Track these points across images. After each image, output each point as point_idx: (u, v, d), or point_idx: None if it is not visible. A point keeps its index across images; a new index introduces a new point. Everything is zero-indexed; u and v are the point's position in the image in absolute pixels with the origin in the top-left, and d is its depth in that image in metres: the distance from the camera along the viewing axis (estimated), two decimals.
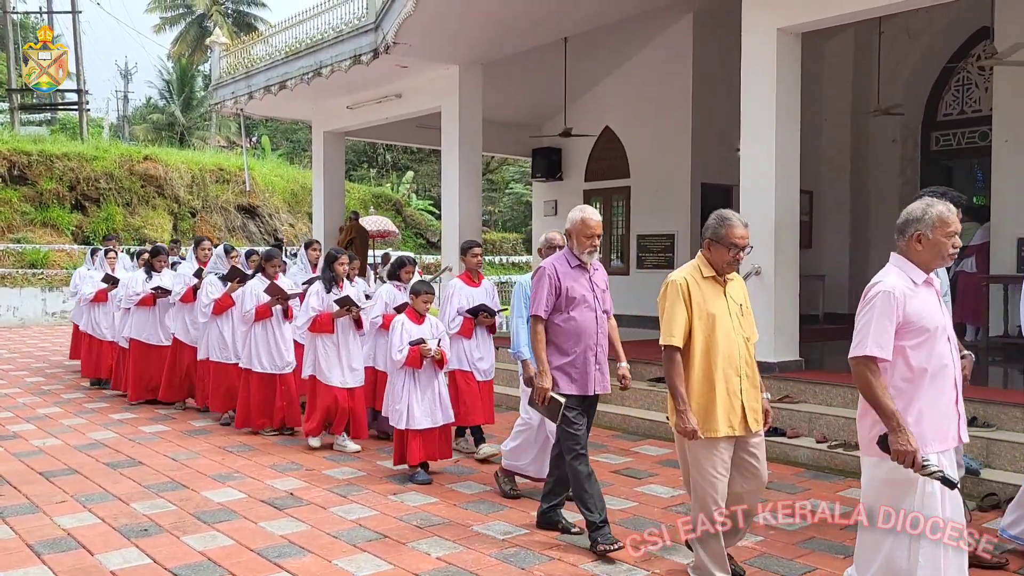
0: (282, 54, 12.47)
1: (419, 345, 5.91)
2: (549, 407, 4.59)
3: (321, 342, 6.92)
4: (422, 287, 6.19)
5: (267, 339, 7.48)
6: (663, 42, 12.73)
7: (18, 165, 20.88)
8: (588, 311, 4.65)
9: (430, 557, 4.50)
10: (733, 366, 3.93)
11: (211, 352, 8.07)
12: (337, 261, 7.00)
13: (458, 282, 6.89)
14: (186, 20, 42.62)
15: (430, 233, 28.44)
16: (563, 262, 4.69)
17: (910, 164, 13.60)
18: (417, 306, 6.13)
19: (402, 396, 5.97)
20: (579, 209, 4.68)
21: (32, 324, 18.26)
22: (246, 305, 7.41)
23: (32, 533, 4.85)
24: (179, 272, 8.86)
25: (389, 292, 7.31)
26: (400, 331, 5.98)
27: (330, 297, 6.90)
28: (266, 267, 7.56)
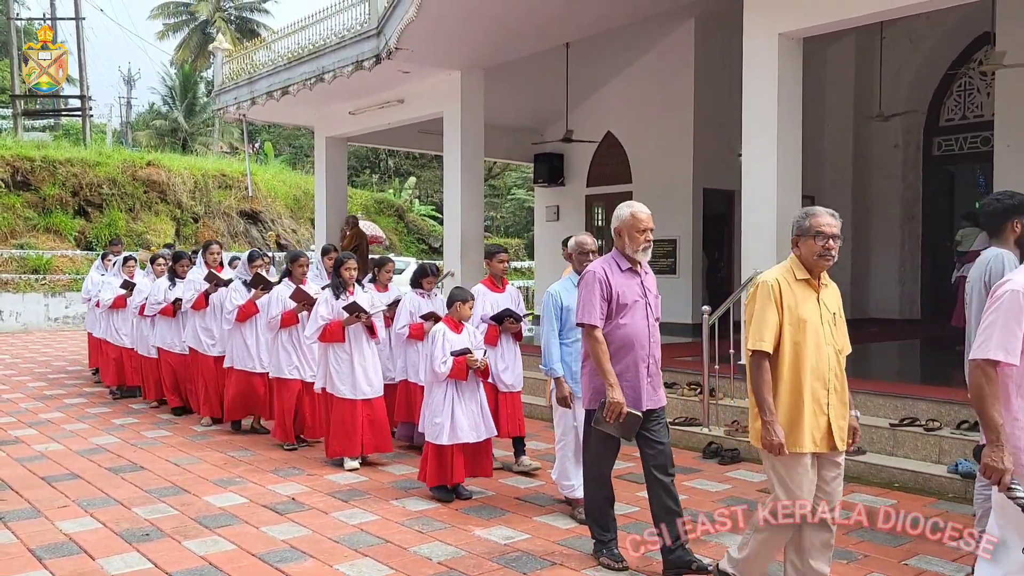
0: (285, 60, 12.50)
1: (465, 356, 5.59)
2: (625, 424, 4.14)
3: (333, 353, 6.56)
4: (463, 294, 5.86)
5: (294, 347, 7.25)
6: (665, 47, 12.75)
7: (21, 171, 20.92)
8: (640, 318, 4.26)
9: (431, 562, 4.50)
10: (822, 378, 3.60)
11: (235, 360, 7.76)
12: (344, 266, 6.67)
13: (481, 288, 6.58)
14: (189, 26, 42.76)
15: (432, 239, 28.45)
16: (612, 264, 4.31)
17: (912, 169, 13.61)
18: (462, 314, 5.78)
19: (444, 409, 5.59)
20: (626, 205, 4.36)
21: (35, 329, 18.29)
22: (272, 311, 7.16)
23: (34, 538, 4.85)
24: (189, 278, 8.62)
25: (413, 301, 6.99)
26: (442, 341, 5.61)
27: (339, 304, 6.56)
28: (293, 271, 7.29)
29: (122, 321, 9.95)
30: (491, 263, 6.68)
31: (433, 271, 7.19)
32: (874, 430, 6.49)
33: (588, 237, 5.24)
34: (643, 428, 4.22)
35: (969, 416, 6.24)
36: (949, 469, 5.86)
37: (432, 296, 7.07)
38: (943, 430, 6.23)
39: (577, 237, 5.28)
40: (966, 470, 5.70)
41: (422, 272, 7.10)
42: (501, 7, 9.63)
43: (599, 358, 4.17)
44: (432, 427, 5.64)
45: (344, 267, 6.65)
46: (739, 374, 7.64)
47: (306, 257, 7.40)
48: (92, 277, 11.06)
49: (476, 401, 5.73)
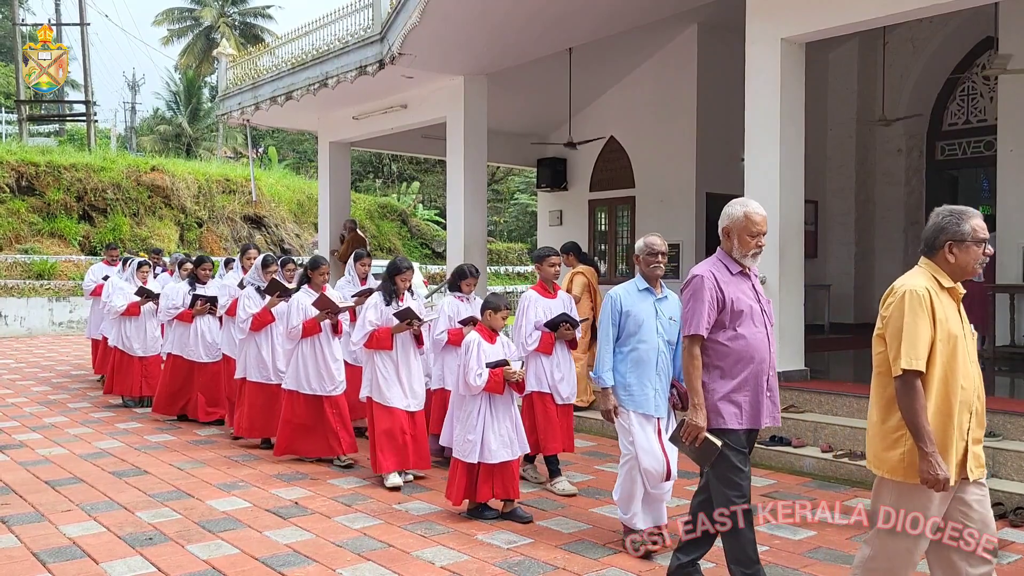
0: (288, 65, 12.53)
1: (502, 368, 5.24)
2: (701, 450, 3.80)
3: (380, 360, 6.17)
4: (497, 301, 5.47)
5: (315, 357, 6.78)
6: (668, 52, 12.76)
7: (26, 175, 20.99)
8: (758, 326, 3.88)
9: (434, 566, 4.50)
10: (968, 401, 3.12)
11: (248, 371, 7.40)
12: (400, 274, 6.29)
13: (533, 293, 6.23)
14: (193, 32, 42.93)
15: (435, 243, 28.48)
16: (721, 268, 3.91)
17: (915, 174, 13.59)
18: (495, 323, 5.42)
19: (476, 425, 5.26)
20: (740, 203, 3.95)
21: (39, 334, 18.32)
22: (292, 320, 6.71)
23: (37, 541, 4.86)
24: (223, 283, 8.28)
25: (452, 305, 6.60)
26: (476, 352, 5.27)
27: (389, 310, 6.19)
28: (313, 277, 6.89)
29: (135, 329, 9.65)
30: (541, 267, 6.30)
31: (473, 272, 6.73)
32: None
33: (658, 237, 4.83)
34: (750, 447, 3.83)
35: None
36: None
37: (471, 300, 6.69)
38: None
39: (646, 238, 4.83)
40: None
41: (461, 274, 6.69)
42: (504, 13, 9.65)
43: (691, 374, 3.82)
44: (463, 444, 5.32)
45: (400, 276, 6.29)
46: None
47: (327, 264, 7.06)
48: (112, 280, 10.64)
49: (510, 418, 5.37)
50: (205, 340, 8.53)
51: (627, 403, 4.69)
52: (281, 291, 7.25)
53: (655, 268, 4.75)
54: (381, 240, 26.88)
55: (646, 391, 4.67)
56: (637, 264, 4.81)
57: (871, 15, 7.17)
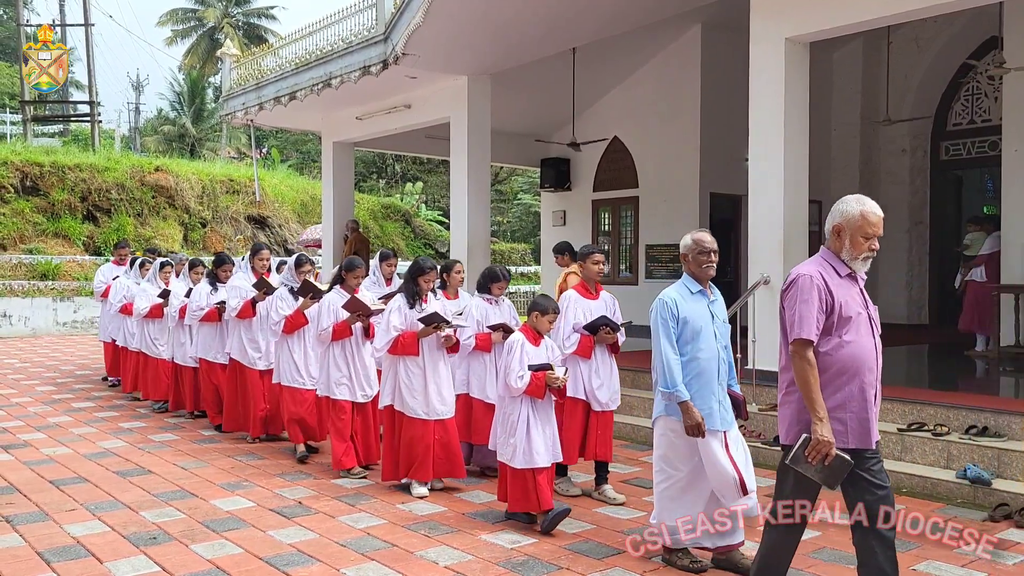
0: (292, 65, 12.54)
1: (545, 372, 5.07)
2: (831, 468, 3.40)
3: (404, 366, 5.87)
4: (546, 304, 5.26)
5: (346, 362, 6.47)
6: (672, 52, 12.76)
7: (30, 176, 21.03)
8: (865, 334, 3.53)
9: (438, 566, 4.50)
10: None
11: (283, 376, 7.09)
12: (424, 275, 5.97)
13: (573, 294, 5.92)
14: (197, 32, 43.00)
15: (439, 244, 28.49)
16: (828, 269, 3.56)
17: (920, 174, 13.57)
18: (540, 326, 5.23)
19: (518, 428, 5.08)
20: (856, 200, 3.58)
21: (43, 334, 18.35)
22: (323, 323, 6.38)
23: (42, 541, 4.87)
24: (234, 284, 7.92)
25: (480, 308, 6.34)
26: (520, 354, 5.09)
27: (414, 314, 5.89)
28: (346, 278, 6.54)
29: (159, 331, 9.43)
30: (584, 265, 5.96)
31: (505, 275, 6.44)
32: (882, 435, 6.46)
33: (707, 233, 4.49)
34: (860, 468, 3.47)
35: (978, 421, 6.23)
36: (958, 474, 5.84)
37: (500, 303, 6.43)
38: (951, 435, 6.21)
39: (695, 234, 4.49)
40: (974, 475, 5.69)
41: (492, 276, 6.40)
42: (508, 13, 9.65)
43: (809, 383, 3.43)
44: (506, 448, 5.16)
45: (423, 277, 5.97)
46: (746, 378, 7.63)
47: (362, 268, 6.64)
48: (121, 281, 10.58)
49: (551, 423, 5.20)
50: None
51: None
52: (314, 292, 6.91)
53: (708, 268, 4.43)
54: (384, 240, 26.87)
55: (710, 404, 4.36)
56: (685, 264, 4.48)
57: (875, 15, 7.16)
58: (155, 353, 9.40)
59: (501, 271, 6.45)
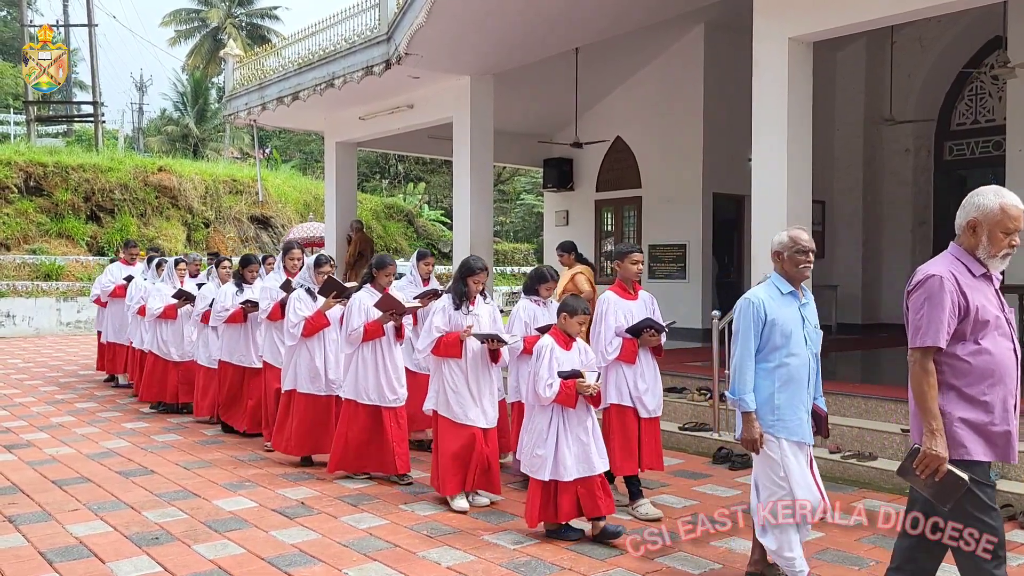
0: (295, 65, 12.55)
1: (575, 379, 4.79)
2: (942, 485, 3.15)
3: (448, 369, 5.58)
4: (578, 304, 4.96)
5: (376, 364, 6.13)
6: (675, 52, 12.74)
7: (34, 176, 21.07)
8: (1003, 339, 3.26)
9: (440, 566, 4.49)
10: None
11: (298, 382, 6.72)
12: (473, 276, 5.66)
13: (611, 295, 5.62)
14: (200, 33, 43.09)
15: (442, 244, 28.50)
16: (961, 269, 3.27)
17: (923, 174, 13.55)
18: (569, 328, 4.95)
19: (547, 439, 4.84)
20: (993, 192, 3.24)
21: (47, 334, 18.39)
22: (353, 323, 6.07)
23: (44, 541, 4.87)
24: (265, 285, 7.55)
25: (527, 309, 6.06)
26: (548, 359, 4.82)
27: (458, 316, 5.61)
28: (377, 276, 6.25)
29: (171, 332, 9.17)
30: (622, 265, 5.66)
31: (553, 275, 6.15)
32: (886, 435, 6.45)
33: (804, 231, 4.16)
34: None
35: None
36: None
37: (548, 304, 6.10)
38: None
39: (791, 232, 4.15)
40: None
41: (540, 277, 6.10)
42: (511, 13, 9.64)
43: (924, 393, 3.21)
44: (532, 459, 4.90)
45: (473, 278, 5.66)
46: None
47: (394, 265, 6.35)
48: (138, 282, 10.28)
49: (586, 431, 4.88)
50: (259, 346, 7.79)
51: (777, 429, 4.01)
52: (338, 291, 6.55)
53: (805, 268, 4.09)
54: (387, 240, 26.90)
55: (799, 414, 4.02)
56: (778, 263, 4.13)
57: (879, 14, 7.15)
58: (166, 355, 9.19)
59: (549, 271, 6.15)
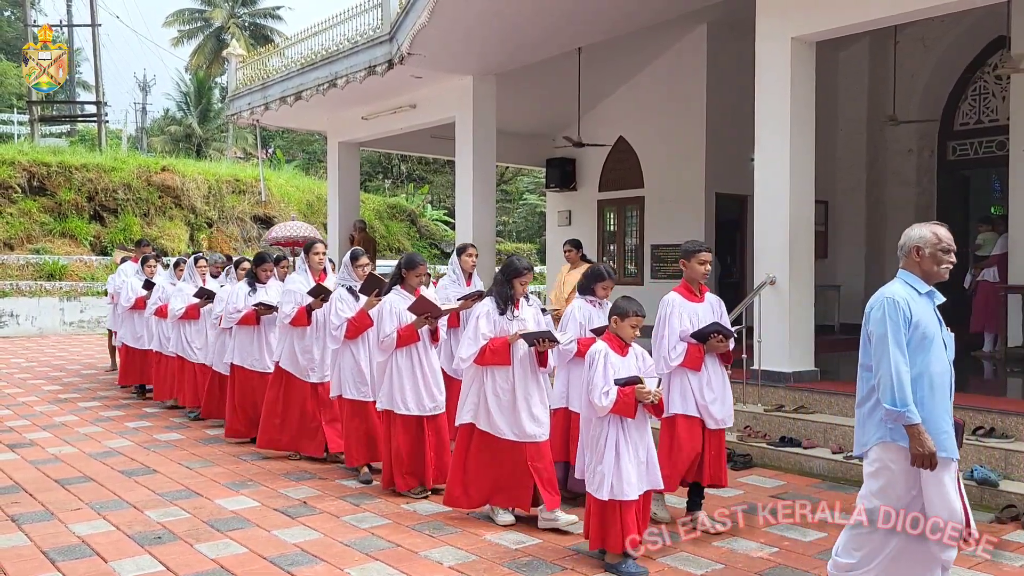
0: (297, 65, 12.57)
1: (635, 386, 4.37)
2: None
3: (491, 379, 5.13)
4: (630, 306, 4.57)
5: (413, 371, 5.74)
6: (677, 52, 12.74)
7: (37, 176, 21.10)
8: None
9: (442, 566, 4.49)
10: None
11: (344, 387, 6.29)
12: (520, 277, 5.20)
13: (676, 297, 5.24)
14: (204, 33, 43.10)
15: (444, 244, 28.50)
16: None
17: (926, 174, 13.51)
18: (622, 332, 4.57)
19: (606, 454, 4.41)
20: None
21: (50, 333, 18.41)
22: (385, 328, 5.67)
23: (47, 540, 4.88)
24: (289, 288, 6.85)
25: (583, 310, 5.67)
26: (603, 366, 4.43)
27: (503, 321, 5.18)
28: (407, 277, 5.87)
29: (195, 333, 8.81)
30: (688, 264, 5.25)
31: (611, 274, 5.75)
32: None
33: (944, 229, 3.79)
34: None
35: (985, 422, 6.20)
36: (965, 475, 5.81)
37: (603, 305, 5.69)
38: None
39: (934, 228, 3.75)
40: (982, 476, 5.66)
41: (597, 275, 5.72)
42: (513, 13, 9.64)
43: None
44: (593, 476, 4.46)
45: (520, 279, 5.20)
46: (752, 379, 7.62)
47: (424, 265, 5.98)
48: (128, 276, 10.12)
49: (646, 443, 4.51)
50: (273, 349, 7.32)
51: None
52: (381, 289, 6.10)
53: (946, 269, 3.74)
54: (390, 240, 26.90)
55: (945, 426, 3.60)
56: (914, 259, 3.76)
57: (881, 14, 7.14)
58: (192, 357, 8.81)
59: (606, 269, 5.74)
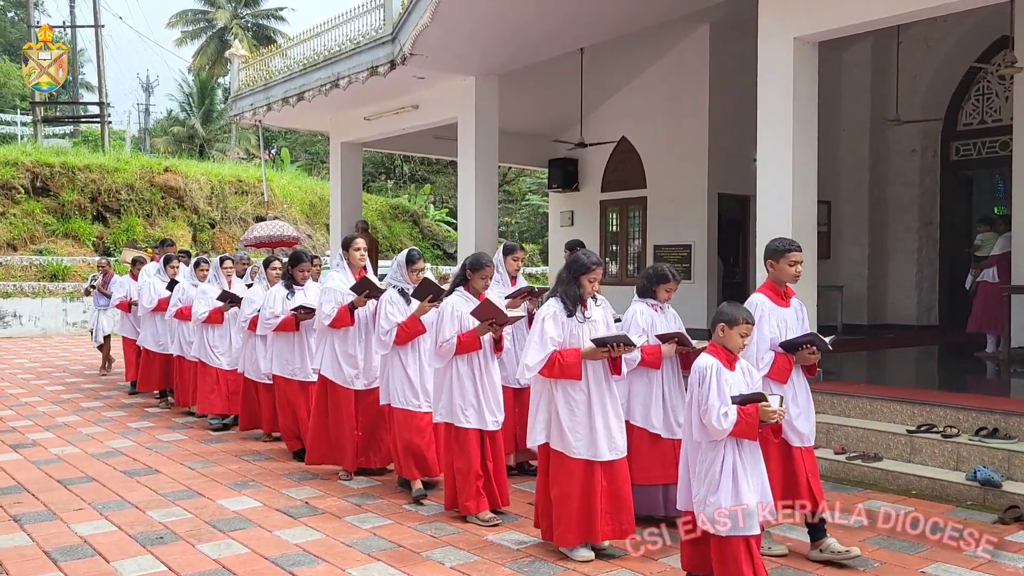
0: (300, 66, 12.57)
1: (756, 405, 3.81)
2: None
3: (563, 392, 4.59)
4: (739, 312, 3.97)
5: (474, 382, 5.24)
6: (680, 52, 12.73)
7: (41, 177, 21.14)
8: None
9: (444, 567, 4.49)
10: None
11: (393, 396, 5.80)
12: (588, 274, 4.64)
13: (763, 299, 4.65)
14: (207, 34, 43.16)
15: (447, 244, 28.51)
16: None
17: (929, 174, 13.49)
18: (730, 342, 3.95)
19: (722, 483, 3.81)
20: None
21: (53, 334, 18.45)
22: (444, 333, 5.18)
23: (49, 540, 4.89)
24: (328, 286, 6.35)
25: (645, 315, 5.19)
26: (718, 383, 3.84)
27: (572, 323, 4.61)
28: (472, 278, 5.32)
29: (219, 338, 8.41)
30: (777, 265, 4.66)
31: (675, 275, 5.26)
32: (891, 436, 6.43)
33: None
34: None
35: (988, 423, 6.18)
36: (967, 476, 5.80)
37: (665, 310, 5.26)
38: (961, 437, 6.16)
39: None
40: (984, 477, 5.64)
41: (660, 276, 5.22)
42: (515, 13, 9.64)
43: None
44: (705, 507, 3.86)
45: (588, 276, 4.64)
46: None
47: (492, 265, 5.43)
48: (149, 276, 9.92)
49: (760, 471, 3.95)
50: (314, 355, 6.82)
51: None
52: (435, 294, 5.63)
53: None
54: (392, 241, 26.91)
55: None
56: None
57: (884, 14, 7.13)
58: (215, 363, 8.39)
59: (671, 270, 5.23)
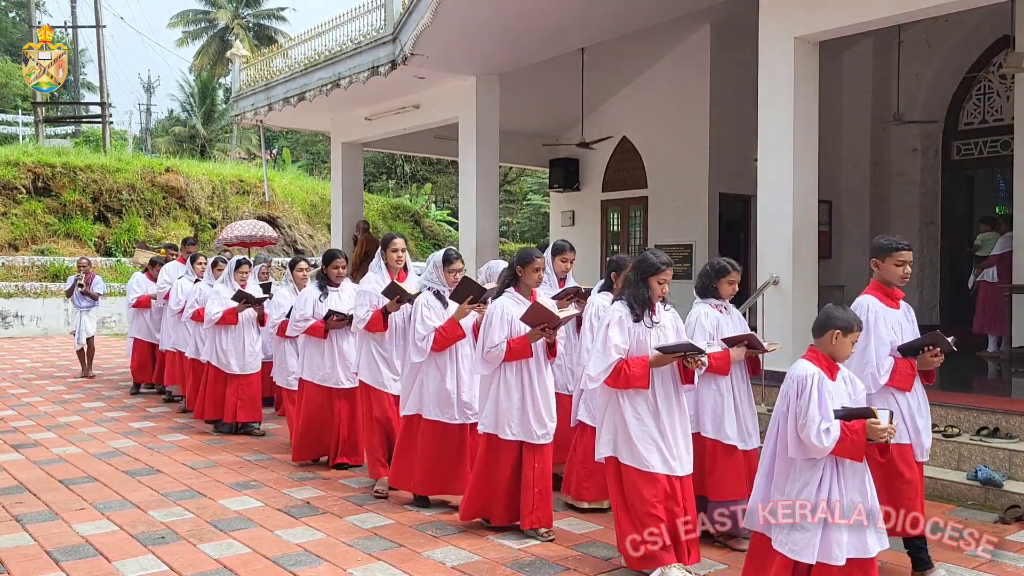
0: (301, 66, 12.58)
1: (864, 421, 3.44)
2: None
3: (630, 402, 4.24)
4: (851, 317, 3.73)
5: (523, 390, 4.86)
6: (681, 52, 12.73)
7: (42, 177, 21.15)
8: None
9: (445, 566, 4.49)
10: None
11: (424, 406, 5.41)
12: (658, 275, 4.28)
13: (874, 301, 4.35)
14: (208, 34, 43.19)
15: (448, 244, 28.54)
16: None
17: (931, 174, 13.48)
18: (840, 350, 3.66)
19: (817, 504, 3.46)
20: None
21: (55, 334, 18.46)
22: (493, 338, 4.81)
23: (50, 540, 4.90)
24: (364, 288, 5.97)
25: (708, 316, 4.82)
26: (819, 395, 3.49)
27: (640, 329, 4.26)
28: (523, 275, 4.92)
29: (230, 340, 8.00)
30: (884, 264, 4.39)
31: (735, 265, 4.89)
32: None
33: None
34: None
35: (989, 422, 6.18)
36: (968, 476, 5.80)
37: (730, 310, 4.96)
38: (962, 436, 6.17)
39: None
40: (986, 477, 5.64)
41: (720, 270, 4.84)
42: (516, 13, 9.64)
43: None
44: (795, 536, 3.47)
45: (656, 277, 4.27)
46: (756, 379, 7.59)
47: (542, 259, 5.03)
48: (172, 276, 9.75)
49: (864, 491, 3.53)
50: (347, 360, 6.52)
51: None
52: (476, 295, 5.26)
53: None
54: None
55: None
56: None
57: (885, 13, 7.13)
58: (225, 367, 8.01)
59: (729, 261, 4.86)
